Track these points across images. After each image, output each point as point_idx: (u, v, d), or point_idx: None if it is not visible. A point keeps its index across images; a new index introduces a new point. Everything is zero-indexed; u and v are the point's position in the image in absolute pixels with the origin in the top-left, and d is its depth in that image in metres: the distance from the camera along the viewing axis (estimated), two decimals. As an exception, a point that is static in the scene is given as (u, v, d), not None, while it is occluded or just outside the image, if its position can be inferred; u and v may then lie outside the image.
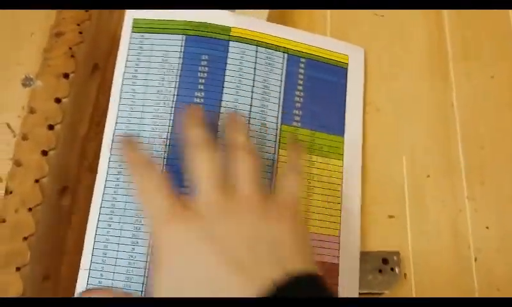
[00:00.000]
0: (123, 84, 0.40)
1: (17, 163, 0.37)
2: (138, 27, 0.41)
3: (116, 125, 0.40)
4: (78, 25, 0.40)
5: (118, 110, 0.40)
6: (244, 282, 0.27)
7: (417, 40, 0.45)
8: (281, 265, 0.28)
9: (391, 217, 0.41)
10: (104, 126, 0.42)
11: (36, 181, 0.37)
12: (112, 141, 0.40)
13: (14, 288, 0.34)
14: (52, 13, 0.45)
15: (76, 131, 0.41)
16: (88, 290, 0.36)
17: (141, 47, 0.41)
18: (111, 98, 0.40)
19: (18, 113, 0.43)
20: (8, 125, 0.43)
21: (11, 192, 0.36)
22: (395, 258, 0.39)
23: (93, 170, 0.41)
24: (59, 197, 0.39)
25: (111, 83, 0.42)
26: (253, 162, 0.33)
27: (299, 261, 0.29)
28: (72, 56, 0.39)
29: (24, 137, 0.37)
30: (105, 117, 0.41)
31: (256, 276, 0.27)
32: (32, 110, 0.38)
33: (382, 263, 0.39)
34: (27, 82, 0.44)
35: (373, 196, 0.41)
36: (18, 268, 0.35)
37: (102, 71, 0.44)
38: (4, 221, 0.36)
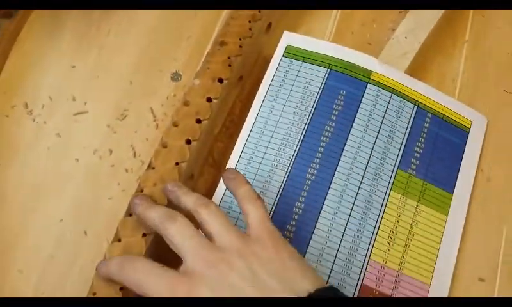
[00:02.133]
0: (264, 99, 0.45)
1: (164, 145, 0.42)
2: (290, 53, 0.46)
3: (250, 133, 0.45)
4: (240, 39, 0.45)
5: (255, 121, 0.45)
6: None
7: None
8: (288, 283, 0.33)
9: (481, 280, 0.43)
10: (232, 133, 0.47)
11: (176, 164, 0.42)
12: (244, 146, 0.44)
13: (137, 250, 0.39)
14: (206, 21, 0.51)
15: (212, 130, 0.46)
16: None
17: (287, 71, 0.46)
18: (251, 109, 0.45)
19: (162, 102, 0.49)
20: (151, 110, 0.49)
21: (153, 168, 0.42)
22: (479, 318, 0.41)
23: (215, 167, 0.46)
24: (186, 183, 0.44)
25: (248, 94, 0.47)
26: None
27: (299, 274, 0.34)
28: (229, 65, 0.44)
29: (175, 124, 0.43)
30: (235, 123, 0.47)
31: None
32: (186, 103, 0.44)
33: (466, 320, 0.41)
34: (175, 76, 0.50)
35: (467, 256, 0.44)
36: (144, 235, 0.40)
37: (243, 83, 0.49)
38: (141, 191, 0.41)
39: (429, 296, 0.41)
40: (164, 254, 0.41)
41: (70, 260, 0.44)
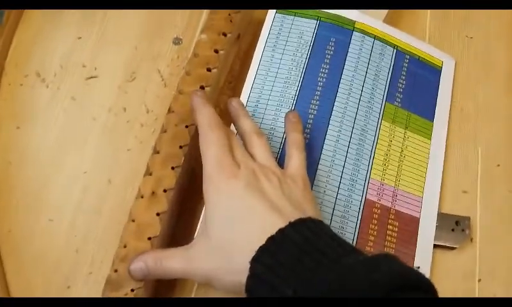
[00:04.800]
0: (264, 50, 0.51)
1: (181, 92, 0.47)
2: (281, 12, 0.52)
3: (254, 79, 0.50)
4: None
5: (257, 70, 0.50)
6: (280, 218, 0.37)
7: (499, 60, 0.55)
8: (301, 210, 0.39)
9: (465, 192, 0.50)
10: (234, 87, 0.52)
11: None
12: (249, 96, 0.49)
13: (168, 182, 0.43)
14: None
15: (218, 82, 0.51)
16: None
17: (282, 25, 0.52)
18: (253, 59, 0.51)
19: (167, 63, 0.53)
20: (158, 71, 0.53)
21: (173, 112, 0.46)
22: (466, 222, 0.48)
23: (222, 116, 0.51)
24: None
25: (245, 53, 0.53)
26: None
27: (312, 209, 0.40)
28: (231, 21, 0.50)
29: (188, 73, 0.48)
30: (236, 78, 0.52)
31: (287, 216, 0.37)
32: (196, 55, 0.48)
33: (455, 224, 0.48)
34: (176, 41, 0.54)
35: (451, 174, 0.50)
36: (173, 168, 0.44)
37: (240, 41, 0.54)
38: (165, 131, 0.45)
39: (422, 204, 0.48)
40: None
41: (98, 206, 0.47)
